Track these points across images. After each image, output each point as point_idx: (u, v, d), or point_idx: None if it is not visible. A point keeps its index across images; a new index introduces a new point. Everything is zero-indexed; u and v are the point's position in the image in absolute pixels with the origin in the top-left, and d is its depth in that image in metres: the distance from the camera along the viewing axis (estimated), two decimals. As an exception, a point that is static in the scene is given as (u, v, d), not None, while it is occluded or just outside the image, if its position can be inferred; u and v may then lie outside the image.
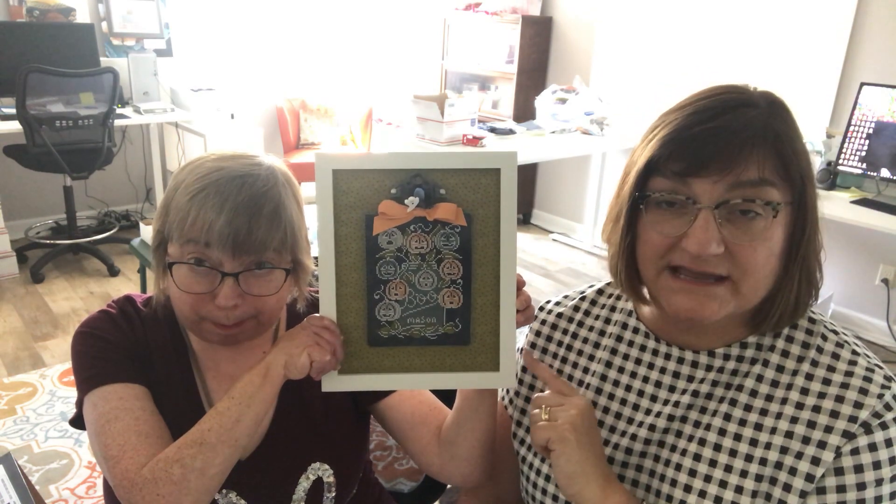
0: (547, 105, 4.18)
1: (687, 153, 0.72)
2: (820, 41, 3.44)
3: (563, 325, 0.99)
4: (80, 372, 0.92)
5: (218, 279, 0.87)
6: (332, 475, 0.99)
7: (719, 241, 0.72)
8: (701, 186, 0.72)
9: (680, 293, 0.76)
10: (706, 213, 0.72)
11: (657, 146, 0.74)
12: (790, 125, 0.75)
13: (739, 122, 0.71)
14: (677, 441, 0.82)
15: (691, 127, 0.73)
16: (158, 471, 0.80)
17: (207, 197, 0.85)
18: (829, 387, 0.76)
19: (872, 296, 3.44)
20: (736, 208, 0.72)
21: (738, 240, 0.72)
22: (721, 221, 0.72)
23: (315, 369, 0.82)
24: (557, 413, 0.80)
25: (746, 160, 0.71)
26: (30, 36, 3.74)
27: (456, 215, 0.80)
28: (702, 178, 0.72)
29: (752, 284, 0.74)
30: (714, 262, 0.73)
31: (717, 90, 0.76)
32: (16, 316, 3.27)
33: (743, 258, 0.73)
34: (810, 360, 0.78)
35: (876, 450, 0.72)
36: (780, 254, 0.75)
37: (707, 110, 0.73)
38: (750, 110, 0.73)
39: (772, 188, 0.72)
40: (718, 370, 0.82)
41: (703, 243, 0.71)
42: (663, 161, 0.74)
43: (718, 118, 0.72)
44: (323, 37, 5.00)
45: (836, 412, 0.74)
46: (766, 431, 0.77)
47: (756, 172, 0.71)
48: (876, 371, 0.75)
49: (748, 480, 0.75)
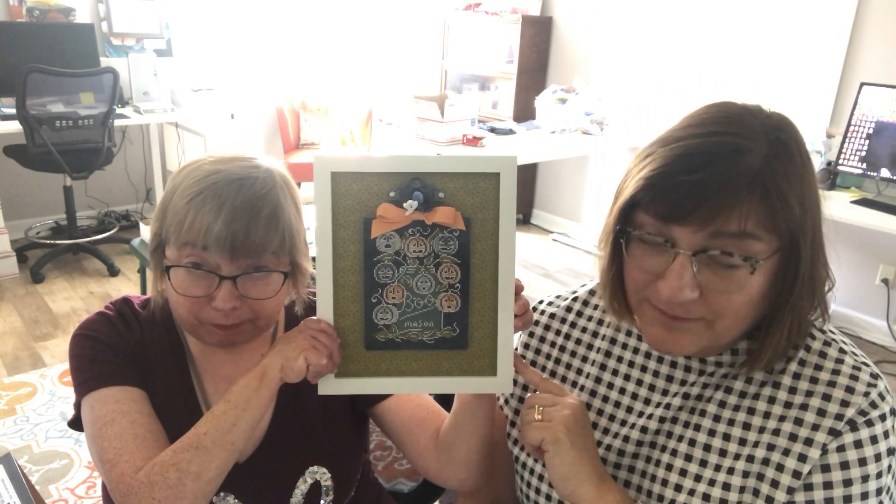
0: (547, 105, 4.18)
1: (668, 199, 0.70)
2: (820, 41, 3.44)
3: (555, 326, 0.99)
4: (78, 375, 0.92)
5: (215, 282, 0.86)
6: (330, 478, 0.99)
7: (693, 287, 0.71)
8: (681, 232, 0.71)
9: (655, 325, 0.77)
10: (683, 259, 0.71)
11: (641, 185, 0.72)
12: (787, 172, 0.70)
13: (725, 176, 0.68)
14: (668, 442, 0.82)
15: (673, 175, 0.70)
16: (154, 475, 0.80)
17: (205, 200, 0.85)
18: (817, 385, 0.76)
19: (872, 296, 3.44)
20: (715, 257, 0.71)
21: (715, 287, 0.71)
22: (699, 267, 0.71)
23: (311, 373, 0.81)
24: (551, 413, 0.78)
25: (728, 213, 0.68)
26: (30, 36, 3.74)
27: (454, 219, 0.80)
28: (681, 225, 0.70)
29: (727, 326, 0.74)
30: (687, 306, 0.72)
31: (714, 123, 0.72)
32: (16, 316, 3.27)
33: (718, 304, 0.72)
34: (798, 360, 0.79)
35: (861, 447, 0.72)
36: (761, 299, 0.73)
37: (693, 156, 0.70)
38: (741, 159, 0.69)
39: (754, 241, 0.70)
40: (710, 373, 0.82)
41: (676, 290, 0.71)
42: (647, 201, 0.72)
43: (703, 169, 0.68)
44: (323, 37, 4.99)
45: (823, 410, 0.74)
46: (754, 430, 0.77)
47: (737, 226, 0.69)
48: (863, 369, 0.76)
49: (735, 477, 0.76)
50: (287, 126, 4.76)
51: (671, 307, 0.74)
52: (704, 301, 0.72)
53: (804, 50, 3.50)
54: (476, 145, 3.52)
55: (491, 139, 3.71)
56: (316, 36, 4.96)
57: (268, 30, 4.74)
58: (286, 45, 4.85)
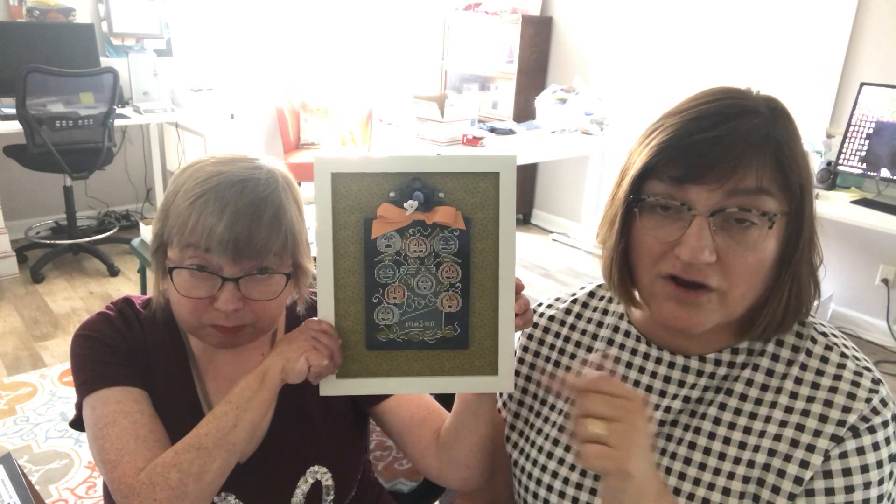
0: (547, 105, 4.18)
1: (685, 160, 0.72)
2: (820, 41, 3.44)
3: (554, 329, 0.99)
4: (79, 375, 0.92)
5: (218, 284, 0.86)
6: (331, 478, 0.99)
7: (712, 250, 0.71)
8: (697, 193, 0.72)
9: (670, 300, 0.76)
10: (700, 220, 0.71)
11: (655, 151, 0.74)
12: (791, 133, 0.74)
13: (740, 131, 0.71)
14: (668, 445, 0.82)
15: (691, 134, 0.72)
16: (156, 475, 0.80)
17: (208, 202, 0.85)
18: (818, 391, 0.76)
19: (872, 296, 3.44)
20: (731, 217, 0.71)
21: (731, 249, 0.72)
22: (715, 229, 0.71)
23: (313, 373, 0.81)
24: (619, 433, 0.65)
25: (745, 169, 0.70)
26: (30, 36, 3.74)
27: (455, 219, 0.80)
28: (699, 184, 0.71)
29: (740, 294, 0.74)
30: (705, 271, 0.72)
31: (718, 94, 0.75)
32: (16, 316, 3.27)
33: (734, 268, 0.72)
34: (799, 364, 0.78)
35: (864, 453, 0.72)
36: (771, 264, 0.74)
37: (708, 117, 0.72)
38: (751, 118, 0.72)
39: (769, 198, 0.71)
40: (710, 375, 0.82)
41: (696, 251, 0.71)
42: (661, 166, 0.73)
43: (719, 126, 0.71)
44: (323, 37, 4.99)
45: (824, 416, 0.74)
46: (754, 435, 0.77)
47: (754, 181, 0.70)
48: (864, 374, 0.76)
49: (735, 482, 0.76)
50: (287, 126, 4.76)
51: (689, 272, 0.73)
52: (720, 266, 0.72)
53: (804, 50, 3.50)
54: (476, 145, 3.52)
55: (491, 139, 3.71)
56: (316, 36, 4.96)
57: (268, 30, 4.74)
58: (286, 45, 4.85)
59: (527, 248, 4.60)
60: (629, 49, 4.30)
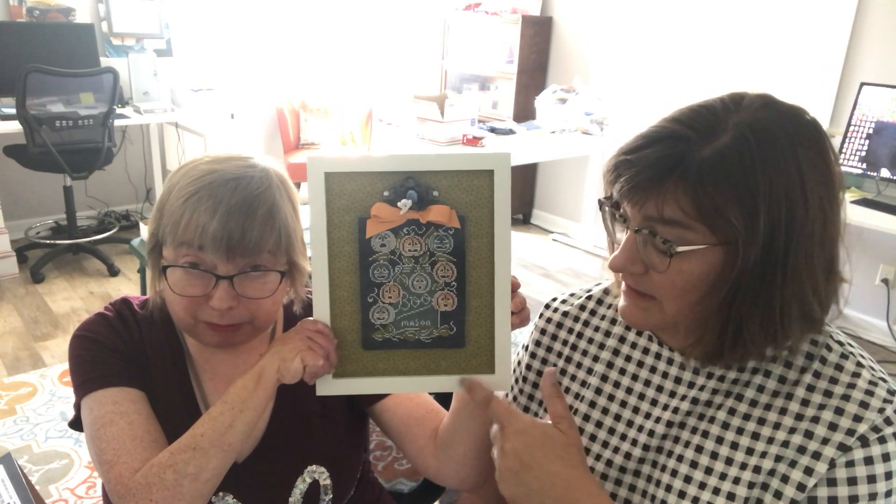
0: (547, 105, 4.18)
1: (618, 177, 0.74)
2: (820, 41, 3.44)
3: (568, 325, 0.98)
4: (77, 376, 0.92)
5: (212, 282, 0.86)
6: (329, 478, 0.99)
7: (633, 261, 0.75)
8: (630, 209, 0.75)
9: (625, 297, 0.81)
10: (630, 234, 0.75)
11: (610, 162, 0.77)
12: (734, 169, 0.67)
13: (653, 158, 0.70)
14: (675, 447, 0.81)
15: (621, 153, 0.75)
16: (152, 476, 0.80)
17: (201, 200, 0.85)
18: (830, 399, 0.74)
19: (872, 296, 3.43)
20: (646, 238, 0.74)
21: (652, 265, 0.74)
22: (643, 243, 0.74)
23: (308, 374, 0.81)
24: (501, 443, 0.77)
25: (655, 195, 0.71)
26: (30, 36, 3.75)
27: (449, 217, 0.79)
28: (628, 202, 0.74)
29: (674, 309, 0.76)
30: (635, 279, 0.77)
31: (680, 115, 0.73)
32: (16, 316, 3.27)
33: (657, 283, 0.75)
34: (813, 371, 0.77)
35: (872, 463, 0.70)
36: (709, 289, 0.72)
37: (641, 139, 0.74)
38: (676, 145, 0.69)
39: (682, 229, 0.70)
40: (719, 378, 0.81)
41: (618, 260, 0.76)
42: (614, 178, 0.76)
43: (643, 149, 0.72)
44: (323, 37, 4.99)
45: (834, 424, 0.73)
46: (763, 441, 0.76)
47: (654, 209, 0.71)
48: (879, 385, 0.74)
49: (741, 487, 0.75)
50: (287, 126, 4.77)
51: (627, 279, 0.79)
52: (649, 279, 0.75)
53: (804, 50, 3.50)
54: (476, 145, 3.52)
55: (491, 139, 3.71)
56: (316, 36, 4.96)
57: (268, 30, 4.74)
58: (286, 46, 4.85)
59: (527, 248, 4.60)
60: (629, 49, 4.30)
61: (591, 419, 0.90)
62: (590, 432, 0.90)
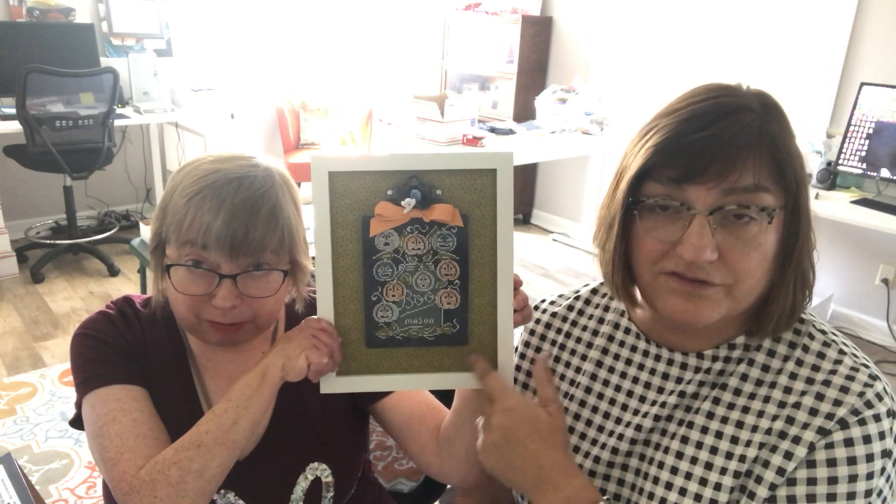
0: (547, 105, 4.18)
1: (682, 161, 0.72)
2: (820, 41, 3.44)
3: (557, 325, 0.99)
4: (79, 373, 0.92)
5: (216, 281, 0.87)
6: (331, 475, 0.99)
7: (713, 248, 0.71)
8: (695, 192, 0.72)
9: (676, 295, 0.75)
10: (700, 219, 0.71)
11: (651, 153, 0.73)
12: (785, 128, 0.74)
13: (735, 129, 0.71)
14: (662, 439, 0.82)
15: (686, 134, 0.72)
16: (156, 473, 0.80)
17: (204, 199, 0.85)
18: (812, 385, 0.75)
19: (872, 296, 3.44)
20: (730, 214, 0.72)
21: (732, 246, 0.72)
22: (715, 227, 0.72)
23: (312, 371, 0.82)
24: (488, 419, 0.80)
25: (742, 166, 0.70)
26: (30, 36, 3.75)
27: (452, 216, 0.80)
28: (696, 184, 0.71)
29: (746, 289, 0.74)
30: (708, 269, 0.72)
31: (711, 92, 0.75)
32: (16, 316, 3.27)
33: (736, 264, 0.72)
34: (795, 359, 0.78)
35: (852, 445, 0.71)
36: (773, 258, 0.74)
37: (701, 116, 0.72)
38: (745, 115, 0.72)
39: (766, 194, 0.72)
40: (705, 371, 0.82)
41: (698, 250, 0.71)
42: (657, 167, 0.73)
43: (713, 125, 0.71)
44: (323, 37, 4.99)
45: (815, 409, 0.74)
46: (747, 429, 0.77)
47: (751, 178, 0.71)
48: (861, 370, 0.75)
49: (727, 478, 0.76)
50: (287, 126, 4.77)
51: (693, 270, 0.73)
52: (723, 263, 0.72)
53: (804, 50, 3.50)
54: (476, 145, 3.52)
55: (491, 139, 3.72)
56: (316, 36, 4.97)
57: (268, 30, 4.74)
58: (286, 46, 4.85)
59: (527, 248, 4.61)
60: (629, 49, 4.30)
61: (581, 417, 0.91)
62: (580, 430, 0.90)
